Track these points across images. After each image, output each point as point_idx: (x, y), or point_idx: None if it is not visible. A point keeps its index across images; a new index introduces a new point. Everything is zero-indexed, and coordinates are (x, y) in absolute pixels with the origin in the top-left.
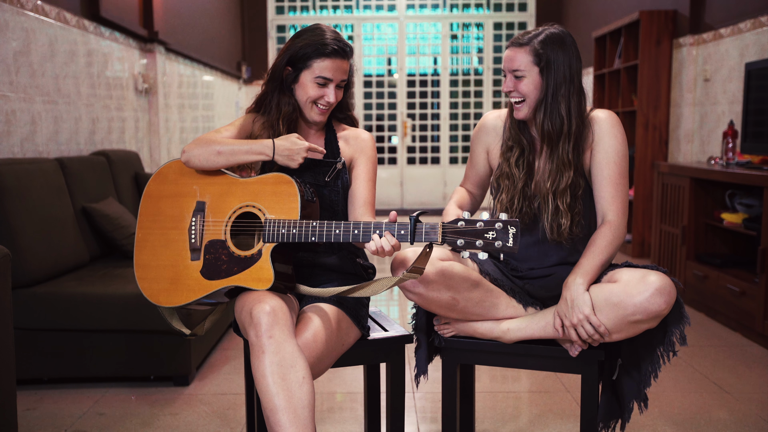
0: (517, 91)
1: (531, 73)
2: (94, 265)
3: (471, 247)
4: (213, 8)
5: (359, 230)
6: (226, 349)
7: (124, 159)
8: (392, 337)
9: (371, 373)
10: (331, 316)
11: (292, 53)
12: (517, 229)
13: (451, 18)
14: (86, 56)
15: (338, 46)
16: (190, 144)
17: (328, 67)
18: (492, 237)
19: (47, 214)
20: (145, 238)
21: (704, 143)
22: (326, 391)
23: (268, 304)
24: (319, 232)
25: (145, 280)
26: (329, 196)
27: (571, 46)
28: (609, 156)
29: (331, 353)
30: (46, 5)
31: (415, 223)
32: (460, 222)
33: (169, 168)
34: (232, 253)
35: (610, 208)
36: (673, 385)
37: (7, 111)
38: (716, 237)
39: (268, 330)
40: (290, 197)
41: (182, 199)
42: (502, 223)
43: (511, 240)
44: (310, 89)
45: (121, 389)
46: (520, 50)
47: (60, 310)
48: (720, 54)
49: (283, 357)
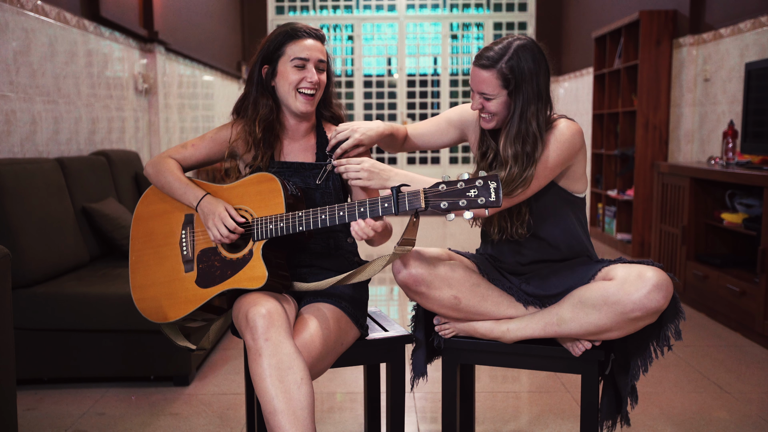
0: (486, 111)
1: (499, 95)
2: (95, 264)
3: (455, 208)
4: (213, 8)
5: (344, 211)
6: (226, 349)
7: (124, 159)
8: (392, 337)
9: (371, 373)
10: (329, 316)
11: (264, 49)
12: (498, 183)
13: (451, 18)
14: (86, 56)
15: (308, 30)
16: (149, 164)
17: (302, 47)
18: (474, 194)
19: (47, 214)
20: (138, 260)
21: (704, 143)
22: (326, 391)
23: (264, 306)
24: (306, 221)
25: (143, 301)
26: (321, 199)
27: (540, 61)
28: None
29: (330, 353)
30: (46, 5)
31: (397, 193)
32: (441, 185)
33: (154, 189)
34: (224, 258)
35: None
36: (673, 385)
37: (7, 111)
38: (716, 237)
39: (264, 333)
40: (274, 193)
41: (171, 215)
42: (482, 179)
43: (493, 194)
44: (289, 74)
45: (121, 389)
46: (487, 73)
47: (60, 310)
48: (720, 54)
49: (280, 359)
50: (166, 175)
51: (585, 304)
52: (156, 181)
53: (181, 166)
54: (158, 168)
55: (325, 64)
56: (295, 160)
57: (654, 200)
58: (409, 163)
